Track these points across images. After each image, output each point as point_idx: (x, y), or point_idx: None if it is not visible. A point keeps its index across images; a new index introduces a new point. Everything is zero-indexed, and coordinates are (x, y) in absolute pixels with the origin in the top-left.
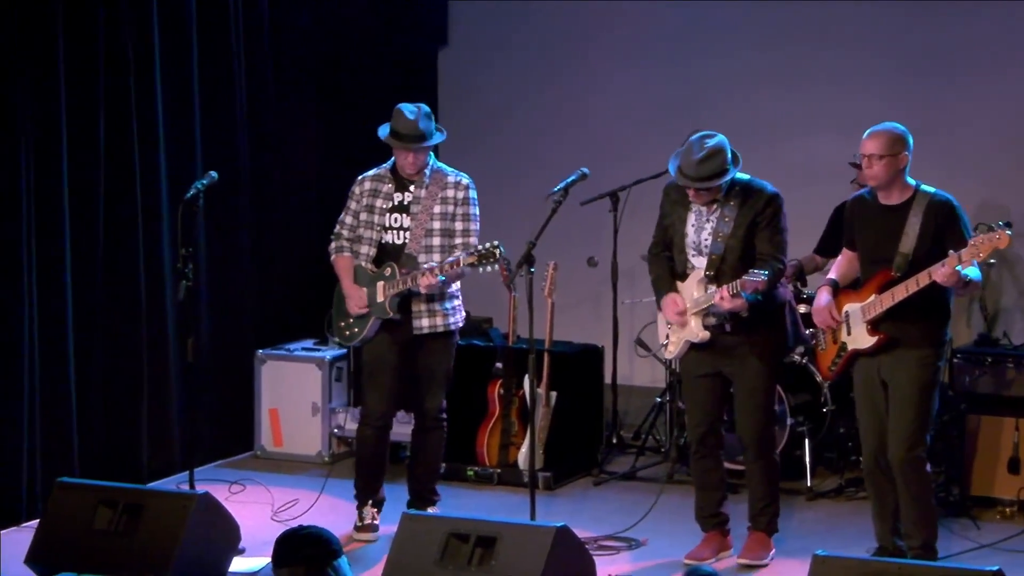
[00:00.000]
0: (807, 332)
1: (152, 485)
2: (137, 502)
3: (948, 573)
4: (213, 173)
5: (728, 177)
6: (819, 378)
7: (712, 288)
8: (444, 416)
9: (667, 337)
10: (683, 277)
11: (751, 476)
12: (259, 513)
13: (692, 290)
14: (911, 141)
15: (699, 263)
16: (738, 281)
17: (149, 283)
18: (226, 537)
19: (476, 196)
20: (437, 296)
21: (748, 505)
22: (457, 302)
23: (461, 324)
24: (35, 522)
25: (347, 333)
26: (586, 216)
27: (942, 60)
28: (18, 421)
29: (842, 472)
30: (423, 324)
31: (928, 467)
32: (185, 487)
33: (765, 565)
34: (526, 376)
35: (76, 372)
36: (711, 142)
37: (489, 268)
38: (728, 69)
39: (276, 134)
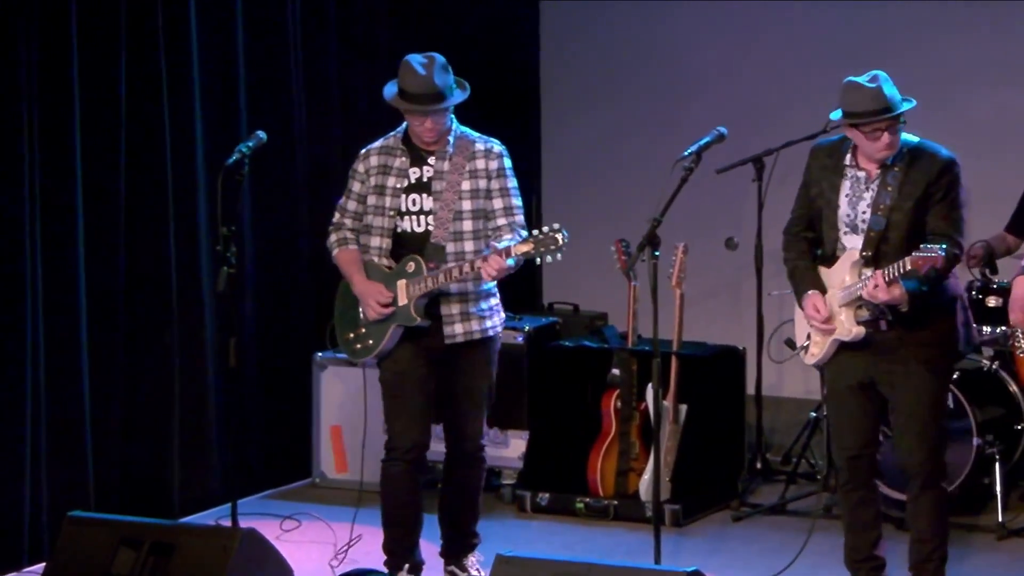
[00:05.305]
0: (999, 330)
1: (185, 520)
2: (167, 541)
3: None
4: (261, 133)
5: (911, 104)
6: (1013, 388)
7: (868, 273)
8: (484, 445)
9: (808, 337)
10: (831, 260)
11: (915, 512)
12: (318, 554)
13: (843, 275)
14: None
15: (852, 242)
16: (907, 259)
17: (181, 270)
18: None
19: (512, 166)
20: (472, 296)
21: (909, 548)
22: (495, 301)
23: (500, 329)
24: (40, 566)
25: (358, 346)
26: (724, 187)
27: None
28: (19, 442)
29: None
30: (456, 331)
31: None
32: (226, 522)
33: None
34: (649, 385)
35: (91, 380)
36: (871, 74)
37: (549, 258)
38: (895, 12)
39: (341, 87)
